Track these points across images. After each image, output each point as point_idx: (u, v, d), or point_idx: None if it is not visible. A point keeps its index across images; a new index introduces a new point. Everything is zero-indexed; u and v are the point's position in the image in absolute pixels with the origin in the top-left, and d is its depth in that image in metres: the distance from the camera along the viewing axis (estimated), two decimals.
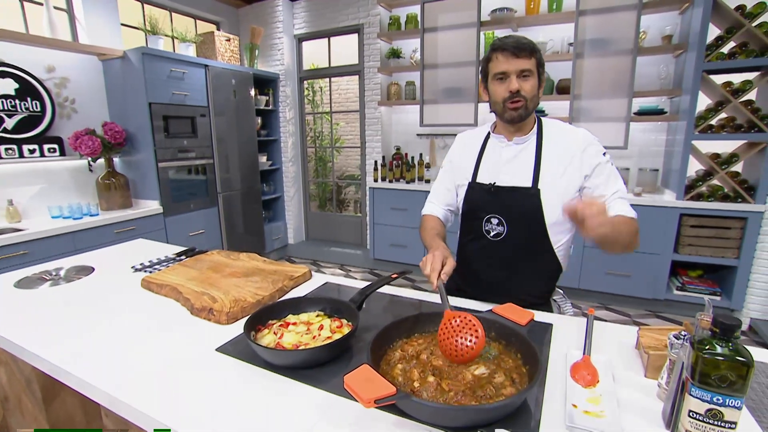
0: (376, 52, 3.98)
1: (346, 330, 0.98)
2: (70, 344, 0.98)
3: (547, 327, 1.06)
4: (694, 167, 2.94)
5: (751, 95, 2.73)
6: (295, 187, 4.71)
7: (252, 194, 4.06)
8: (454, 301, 1.22)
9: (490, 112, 1.21)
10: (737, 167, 2.80)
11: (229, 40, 3.76)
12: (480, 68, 1.23)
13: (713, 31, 2.70)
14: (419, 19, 3.64)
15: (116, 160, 3.16)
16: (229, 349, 0.95)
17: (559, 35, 3.31)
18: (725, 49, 2.68)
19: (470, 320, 0.85)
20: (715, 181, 2.81)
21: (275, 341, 0.92)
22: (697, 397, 0.57)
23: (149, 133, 3.02)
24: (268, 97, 4.26)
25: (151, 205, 3.11)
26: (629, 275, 3.01)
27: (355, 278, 2.43)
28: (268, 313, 1.03)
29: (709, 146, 2.87)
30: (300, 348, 0.90)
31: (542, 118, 1.23)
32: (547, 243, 1.18)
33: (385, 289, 1.31)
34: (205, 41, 3.63)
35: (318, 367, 0.87)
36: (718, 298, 2.83)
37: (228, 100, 3.66)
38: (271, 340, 0.93)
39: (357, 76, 4.29)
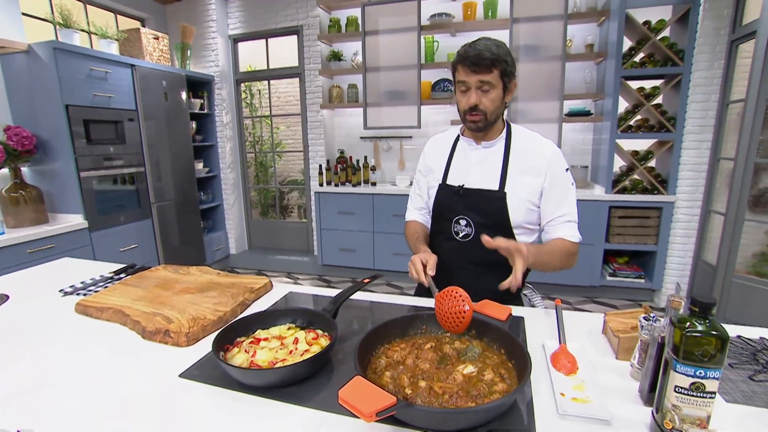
0: (317, 55, 3.91)
1: (323, 341, 0.93)
2: None
3: (520, 320, 1.09)
4: (618, 163, 3.25)
5: (660, 99, 3.08)
6: (235, 195, 4.47)
7: (189, 203, 3.78)
8: (432, 302, 1.22)
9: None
10: (652, 163, 3.14)
11: (157, 38, 3.48)
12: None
13: (627, 42, 3.01)
14: (360, 22, 3.64)
15: (25, 169, 2.77)
16: (194, 373, 0.85)
17: None
18: (637, 59, 2.99)
19: (456, 291, 0.90)
20: (635, 176, 3.12)
21: (248, 360, 0.85)
22: (681, 373, 0.61)
23: (67, 139, 2.68)
24: (202, 101, 4.00)
25: (73, 220, 2.76)
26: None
27: (303, 285, 2.31)
28: (235, 329, 0.94)
29: (629, 144, 3.19)
30: (277, 365, 0.83)
31: (512, 124, 1.27)
32: None
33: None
34: (129, 39, 3.32)
35: (298, 384, 0.81)
36: (642, 280, 3.15)
37: (159, 103, 3.38)
38: (243, 360, 0.85)
39: (297, 79, 4.19)
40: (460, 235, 1.23)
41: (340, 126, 4.23)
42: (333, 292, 1.32)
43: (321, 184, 3.92)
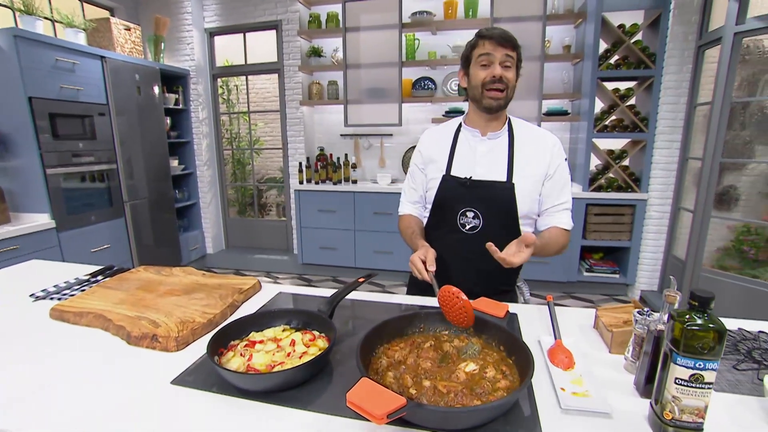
0: (297, 50, 3.85)
1: (320, 342, 0.91)
2: None
3: (514, 317, 1.10)
4: (594, 162, 3.35)
5: (634, 101, 3.19)
6: (212, 193, 4.35)
7: (164, 202, 3.64)
8: (426, 300, 1.23)
9: (465, 100, 1.23)
10: (627, 162, 3.26)
11: (129, 29, 3.33)
12: (462, 55, 1.24)
13: (602, 44, 3.10)
14: (340, 18, 3.60)
15: None
16: (187, 379, 0.82)
17: None
18: (612, 60, 3.09)
19: (450, 290, 0.92)
20: (611, 174, 3.23)
21: (244, 364, 0.82)
22: (682, 365, 0.63)
23: (31, 134, 2.53)
24: (177, 96, 3.87)
25: (39, 219, 2.60)
26: (548, 262, 3.31)
27: (283, 285, 2.23)
28: (229, 332, 0.91)
29: (605, 143, 3.29)
30: (275, 368, 0.80)
31: (510, 117, 1.27)
32: (518, 234, 1.23)
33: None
34: (98, 29, 3.16)
35: (298, 387, 0.79)
36: (617, 275, 3.26)
37: (131, 98, 3.24)
38: (239, 364, 0.82)
39: (276, 75, 4.11)
40: (467, 227, 1.22)
41: (320, 123, 4.18)
42: (323, 292, 1.30)
43: (301, 182, 3.87)
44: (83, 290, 1.28)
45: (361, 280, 1.12)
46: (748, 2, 2.51)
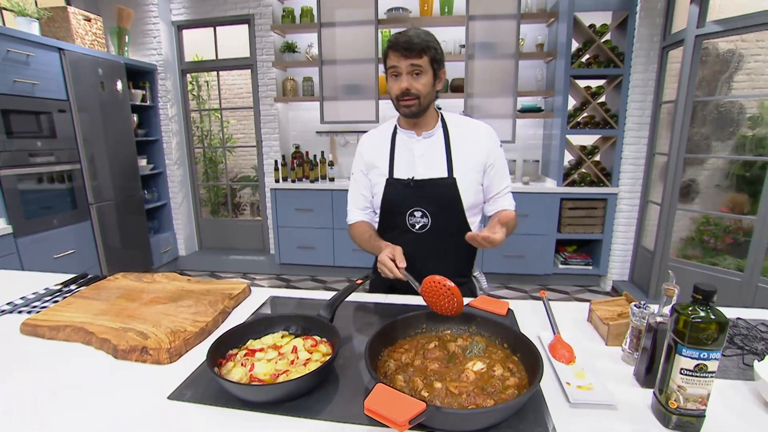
0: (270, 46, 3.75)
1: (323, 348, 0.88)
2: None
3: (510, 313, 1.11)
4: (566, 158, 3.45)
5: (605, 98, 3.31)
6: (183, 193, 4.19)
7: (132, 203, 3.47)
8: (397, 298, 1.23)
9: (436, 98, 1.24)
10: (598, 157, 3.38)
11: (89, 20, 3.13)
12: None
13: (574, 43, 3.20)
14: (315, 13, 3.53)
15: None
16: (185, 393, 0.78)
17: (452, 37, 3.55)
18: (584, 59, 3.19)
19: (433, 280, 0.93)
20: (583, 169, 3.34)
21: (246, 374, 0.78)
22: (687, 356, 0.65)
23: None
24: (144, 92, 3.68)
25: None
26: (523, 256, 3.40)
27: (262, 286, 2.18)
28: (226, 342, 0.87)
29: (577, 140, 3.40)
30: (280, 377, 0.78)
31: (443, 113, 1.29)
32: (466, 226, 1.27)
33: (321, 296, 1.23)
34: (55, 19, 2.95)
35: (305, 396, 0.76)
36: (590, 267, 3.39)
37: (94, 93, 3.06)
38: (242, 374, 0.78)
39: (249, 71, 3.99)
40: (417, 226, 1.25)
41: (295, 120, 4.10)
42: (316, 295, 1.28)
43: (277, 180, 3.78)
44: (56, 301, 1.20)
45: (359, 282, 1.10)
46: (707, 6, 2.65)
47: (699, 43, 2.70)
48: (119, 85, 3.30)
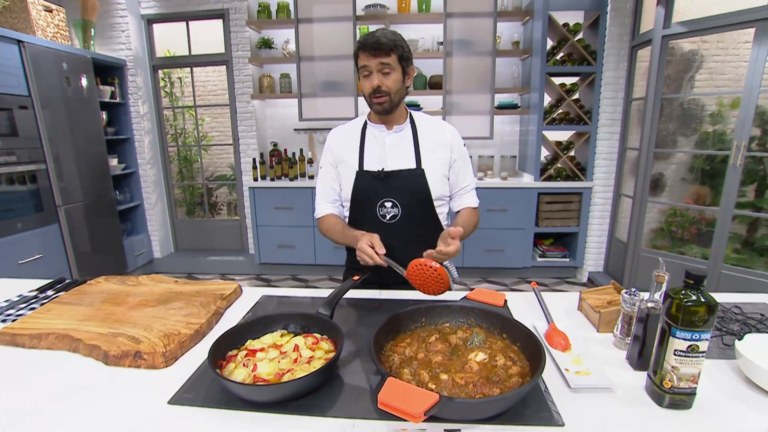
0: (246, 41, 3.66)
1: (324, 345, 0.88)
2: None
3: (506, 304, 1.14)
4: (543, 153, 3.54)
5: (578, 95, 3.42)
6: (157, 193, 4.04)
7: (104, 205, 3.32)
8: (375, 293, 1.25)
9: (406, 94, 1.29)
10: (573, 152, 3.49)
11: (51, 11, 2.96)
12: None
13: (549, 41, 3.28)
14: (292, 8, 3.48)
15: None
16: (186, 397, 0.75)
17: (430, 34, 3.57)
18: (558, 57, 3.28)
19: (420, 262, 1.01)
20: (559, 164, 3.44)
21: (250, 374, 0.77)
22: (680, 338, 0.69)
23: None
24: (113, 88, 3.53)
25: None
26: (503, 250, 3.48)
27: (242, 286, 2.11)
28: (225, 342, 0.85)
29: (553, 135, 3.50)
30: (284, 376, 0.77)
31: (412, 112, 1.35)
32: (435, 215, 1.33)
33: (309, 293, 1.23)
34: (11, 9, 2.78)
35: (311, 394, 0.76)
36: (567, 259, 3.50)
37: (59, 89, 2.90)
38: (245, 375, 0.77)
39: (224, 67, 3.88)
40: (387, 217, 1.29)
41: (272, 117, 4.03)
42: (309, 293, 1.27)
43: (255, 179, 3.71)
44: (33, 308, 1.14)
45: (356, 278, 1.10)
46: (672, 8, 2.78)
47: (665, 43, 2.82)
48: (84, 81, 3.15)
